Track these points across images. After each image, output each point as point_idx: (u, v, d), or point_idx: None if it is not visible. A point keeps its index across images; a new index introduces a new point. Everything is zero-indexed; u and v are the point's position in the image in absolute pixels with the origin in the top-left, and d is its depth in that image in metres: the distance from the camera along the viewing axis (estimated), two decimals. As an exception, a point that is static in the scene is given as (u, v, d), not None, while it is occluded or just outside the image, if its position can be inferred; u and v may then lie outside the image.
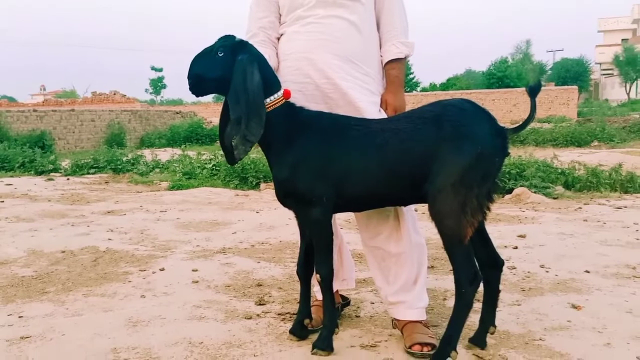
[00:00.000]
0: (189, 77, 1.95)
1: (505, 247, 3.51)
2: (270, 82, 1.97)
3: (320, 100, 2.13)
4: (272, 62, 2.11)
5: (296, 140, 1.94)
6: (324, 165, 1.91)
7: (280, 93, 1.98)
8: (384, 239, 2.15)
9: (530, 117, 1.93)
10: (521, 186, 5.85)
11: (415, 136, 1.86)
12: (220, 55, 1.91)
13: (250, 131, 1.85)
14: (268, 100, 1.94)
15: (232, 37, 1.96)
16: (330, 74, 2.10)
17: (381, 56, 2.21)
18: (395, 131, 1.90)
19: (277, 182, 1.99)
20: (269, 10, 2.23)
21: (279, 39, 2.25)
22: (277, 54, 2.23)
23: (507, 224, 4.32)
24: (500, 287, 2.02)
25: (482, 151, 1.80)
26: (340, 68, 2.10)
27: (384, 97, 2.20)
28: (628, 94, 39.47)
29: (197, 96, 2.05)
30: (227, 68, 1.89)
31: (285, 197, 2.00)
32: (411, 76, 38.27)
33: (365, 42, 2.16)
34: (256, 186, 6.91)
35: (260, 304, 2.57)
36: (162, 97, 49.49)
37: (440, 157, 1.81)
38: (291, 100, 2.02)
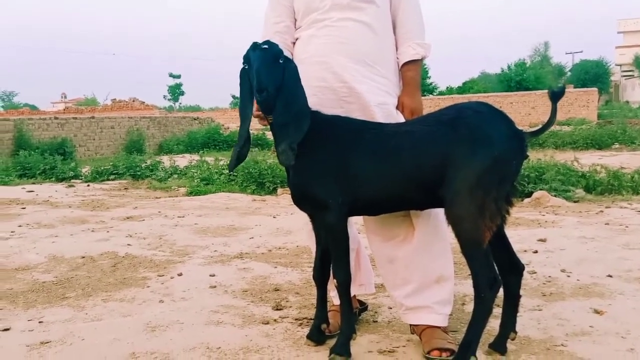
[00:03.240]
0: (264, 90, 1.81)
1: (525, 251, 3.46)
2: None
3: (336, 103, 2.12)
4: None
5: (313, 143, 1.93)
6: (340, 168, 1.90)
7: None
8: (396, 243, 2.13)
9: (550, 122, 1.90)
10: (541, 189, 5.77)
11: (432, 139, 1.85)
12: (281, 62, 1.88)
13: (295, 139, 1.85)
14: None
15: (275, 43, 1.94)
16: (346, 77, 2.10)
17: (397, 58, 2.20)
18: (411, 134, 1.89)
19: (293, 185, 1.99)
20: (285, 15, 2.24)
21: (294, 43, 2.26)
22: (292, 58, 2.24)
23: (527, 228, 4.26)
24: (521, 292, 1.99)
25: (499, 154, 1.78)
26: (356, 71, 2.10)
27: (401, 99, 2.19)
28: (650, 96, 38.83)
29: (267, 113, 1.92)
30: (283, 75, 1.87)
31: (301, 201, 2.00)
32: (429, 80, 38.10)
33: (381, 44, 2.16)
34: (273, 191, 6.92)
35: (277, 309, 2.57)
36: (180, 103, 50.04)
37: (457, 160, 1.79)
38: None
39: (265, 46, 1.88)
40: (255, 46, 1.89)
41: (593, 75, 39.01)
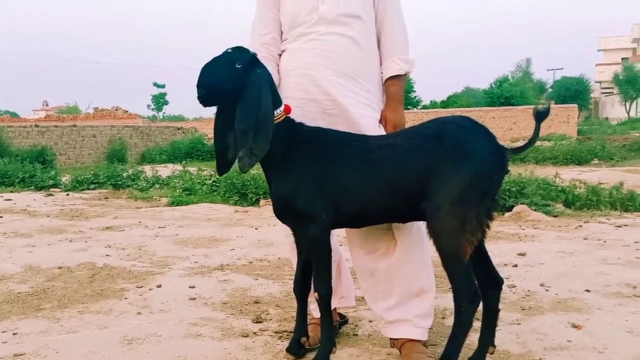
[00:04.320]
0: (201, 86, 1.87)
1: (505, 265, 3.48)
2: (273, 97, 1.97)
3: (320, 116, 2.13)
4: (274, 78, 2.12)
5: (295, 156, 1.94)
6: (323, 181, 1.90)
7: (281, 109, 1.98)
8: (378, 256, 2.13)
9: (532, 141, 1.93)
10: (521, 204, 5.83)
11: (414, 153, 1.85)
12: (239, 67, 1.88)
13: (257, 145, 1.84)
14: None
15: (247, 49, 1.95)
16: (330, 90, 2.10)
17: (381, 73, 2.22)
18: (394, 147, 1.90)
19: (275, 197, 1.99)
20: (272, 27, 2.24)
21: (280, 55, 2.26)
22: (278, 70, 2.24)
23: (507, 242, 4.29)
24: (500, 306, 2.00)
25: (481, 169, 1.79)
26: (341, 84, 2.11)
27: (384, 113, 2.20)
28: (628, 113, 39.61)
29: (205, 106, 1.96)
30: (243, 80, 1.87)
31: (283, 213, 1.99)
32: (413, 94, 38.43)
33: (365, 59, 2.17)
34: (256, 202, 6.90)
35: (257, 322, 2.55)
36: (164, 113, 49.74)
37: (439, 174, 1.80)
38: (291, 116, 2.03)
39: (229, 50, 1.90)
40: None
41: (573, 91, 39.72)
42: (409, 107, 33.51)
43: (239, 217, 5.84)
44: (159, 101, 48.58)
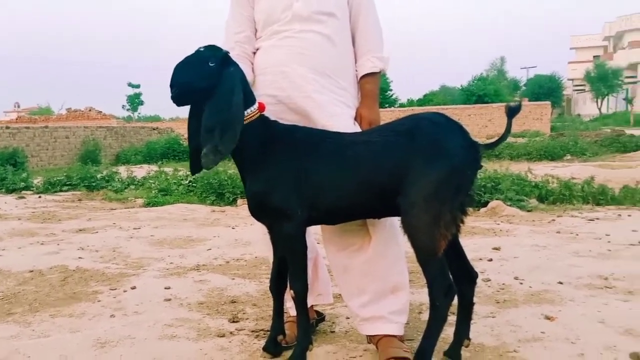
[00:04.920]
0: (173, 86, 1.86)
1: (480, 259, 3.52)
2: (247, 96, 1.95)
3: (296, 113, 2.12)
4: (248, 77, 2.10)
5: (270, 153, 1.93)
6: (298, 178, 1.89)
7: (255, 107, 1.96)
8: (352, 252, 2.13)
9: (504, 136, 1.94)
10: (496, 199, 5.91)
11: (389, 149, 1.86)
12: (212, 65, 1.86)
13: (223, 143, 1.82)
14: (244, 113, 1.92)
15: (219, 47, 1.93)
16: (305, 87, 2.10)
17: (356, 70, 2.22)
18: (368, 144, 1.90)
19: (250, 195, 1.97)
20: (245, 25, 2.23)
21: (254, 53, 2.25)
22: (252, 68, 2.23)
23: (482, 237, 4.34)
24: (475, 299, 2.02)
25: (455, 165, 1.80)
26: (316, 81, 2.10)
27: (359, 110, 2.20)
28: (599, 109, 40.41)
29: (179, 106, 1.93)
30: (215, 79, 1.85)
31: (258, 211, 1.98)
32: (390, 92, 38.62)
33: (340, 56, 2.17)
34: (233, 202, 6.85)
35: (233, 321, 2.53)
36: (139, 113, 49.06)
37: (413, 170, 1.81)
38: (266, 113, 2.01)
39: (201, 49, 1.88)
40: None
41: (546, 89, 40.35)
42: (386, 105, 33.69)
43: (215, 217, 5.79)
44: (134, 101, 47.91)
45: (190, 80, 1.86)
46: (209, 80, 1.85)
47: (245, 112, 1.91)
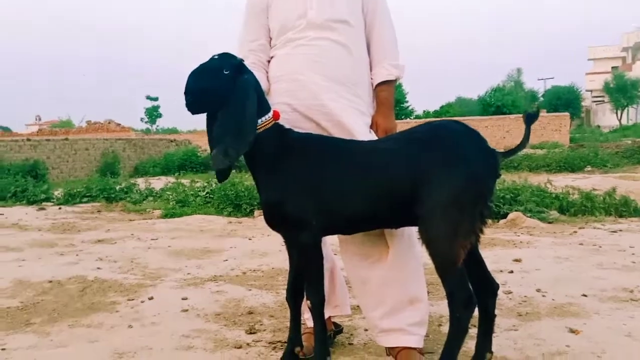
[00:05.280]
0: (189, 93, 1.85)
1: (501, 271, 3.46)
2: (261, 104, 1.95)
3: (310, 121, 2.11)
4: (262, 85, 2.10)
5: (285, 162, 1.91)
6: (313, 187, 1.87)
7: (269, 115, 1.96)
8: (370, 264, 2.10)
9: (523, 144, 1.90)
10: (516, 211, 5.82)
11: (405, 157, 1.83)
12: (226, 73, 1.86)
13: (233, 146, 1.80)
14: (259, 122, 1.92)
15: (233, 55, 1.94)
16: (320, 95, 2.09)
17: (372, 78, 2.21)
18: (385, 152, 1.88)
19: (266, 204, 1.96)
20: (260, 34, 2.23)
21: (269, 61, 2.25)
22: (267, 76, 2.23)
23: (503, 248, 4.27)
24: (497, 312, 1.97)
25: (473, 173, 1.77)
26: (331, 89, 2.09)
27: (375, 119, 2.19)
28: (619, 120, 39.91)
29: (193, 113, 1.92)
30: (230, 86, 1.84)
31: (273, 221, 1.96)
32: (406, 104, 38.55)
33: (355, 64, 2.16)
34: (250, 213, 6.85)
35: (250, 333, 2.51)
36: (157, 126, 49.67)
37: (430, 179, 1.78)
38: (280, 121, 2.01)
39: (215, 57, 1.88)
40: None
41: (565, 100, 39.95)
42: (402, 116, 33.61)
43: (232, 228, 5.79)
44: (152, 114, 48.57)
45: (204, 87, 1.85)
46: (223, 88, 1.84)
47: (260, 120, 1.90)
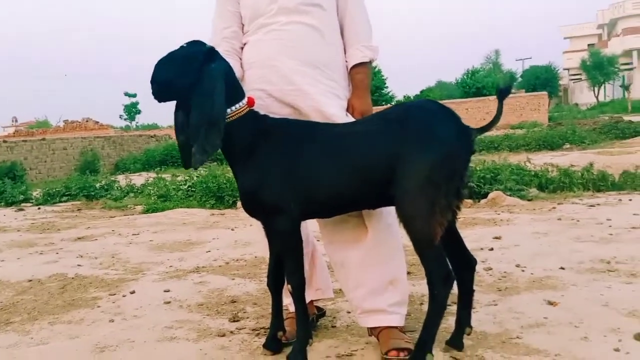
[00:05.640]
0: (154, 82, 1.85)
1: (482, 249, 3.49)
2: (235, 91, 1.93)
3: (286, 106, 2.10)
4: (236, 72, 2.09)
5: (261, 147, 1.90)
6: (290, 171, 1.87)
7: (244, 101, 1.94)
8: (349, 245, 2.11)
9: (496, 119, 1.91)
10: (496, 190, 5.88)
11: (381, 138, 1.83)
12: (193, 61, 1.84)
13: (209, 142, 1.80)
14: (233, 108, 1.90)
15: (203, 43, 1.91)
16: (295, 79, 2.07)
17: (346, 61, 2.20)
18: (360, 134, 1.88)
19: (242, 191, 1.95)
20: (232, 21, 2.21)
21: (242, 48, 2.23)
22: (241, 63, 2.21)
23: (483, 227, 4.31)
24: (477, 288, 2.00)
25: (447, 150, 1.78)
26: (305, 73, 2.08)
27: (351, 101, 2.18)
28: (597, 97, 40.39)
29: (160, 102, 1.91)
30: (196, 75, 1.82)
31: (251, 207, 1.96)
32: (386, 90, 38.58)
33: (329, 48, 2.14)
34: (233, 204, 6.82)
35: (234, 321, 2.50)
36: (137, 122, 49.08)
37: (406, 158, 1.78)
38: (256, 108, 1.99)
39: (184, 45, 1.87)
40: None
41: (543, 80, 40.34)
42: (382, 102, 33.62)
43: (215, 220, 5.77)
44: (131, 111, 47.95)
45: (170, 77, 1.84)
46: (189, 77, 1.83)
47: (234, 108, 1.89)
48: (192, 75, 1.82)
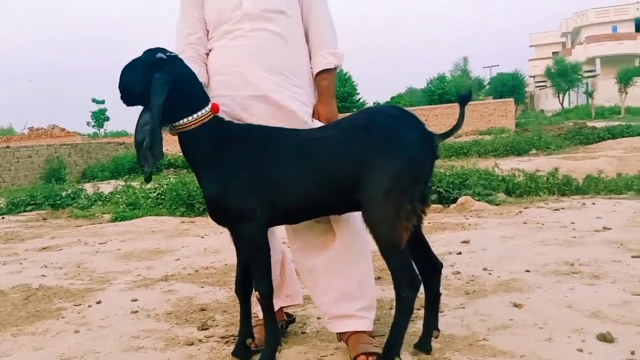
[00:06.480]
0: (119, 86, 1.93)
1: (450, 253, 3.54)
2: (197, 97, 1.94)
3: (251, 113, 2.09)
4: (201, 78, 2.09)
5: (225, 154, 1.90)
6: (255, 177, 1.87)
7: (207, 108, 1.94)
8: (315, 251, 2.11)
9: (458, 125, 1.96)
10: (465, 195, 5.98)
11: (345, 144, 1.85)
12: (144, 70, 1.88)
13: (150, 150, 1.85)
14: (195, 115, 1.91)
15: (155, 51, 1.91)
16: (260, 86, 2.07)
17: (311, 68, 2.21)
18: (325, 140, 1.89)
19: (208, 198, 1.94)
20: (197, 27, 2.20)
21: (208, 54, 2.22)
22: (206, 69, 2.19)
23: (452, 232, 4.37)
24: (445, 291, 2.03)
25: (411, 156, 1.80)
26: (270, 80, 2.08)
27: (316, 108, 2.18)
28: (561, 104, 41.35)
29: (128, 106, 1.98)
30: (147, 84, 1.85)
31: (217, 214, 1.95)
32: (357, 97, 38.80)
33: (293, 54, 2.15)
34: (203, 212, 6.75)
35: (203, 329, 2.48)
36: (105, 129, 48.15)
37: (371, 163, 1.80)
38: (221, 114, 1.99)
39: (144, 52, 1.91)
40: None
41: (510, 87, 41.10)
42: (353, 109, 33.82)
43: (185, 228, 5.70)
44: (99, 117, 47.01)
45: (126, 83, 1.91)
46: (139, 85, 1.88)
47: (197, 115, 1.91)
48: (142, 83, 1.87)
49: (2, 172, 15.58)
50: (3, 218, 7.85)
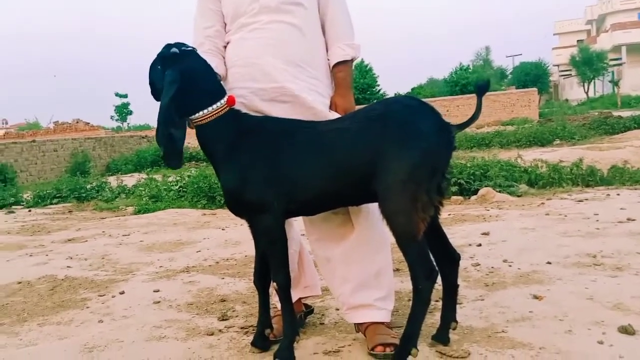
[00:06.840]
0: (148, 83, 2.00)
1: (470, 245, 3.52)
2: (212, 91, 1.96)
3: (269, 104, 2.11)
4: (219, 71, 2.12)
5: (242, 146, 1.92)
6: (272, 169, 1.88)
7: (223, 101, 1.95)
8: (333, 242, 2.13)
9: (475, 115, 1.94)
10: (486, 186, 5.92)
11: (362, 135, 1.85)
12: (159, 67, 1.94)
13: (159, 143, 1.93)
14: (210, 109, 1.93)
15: (171, 46, 1.94)
16: (278, 77, 2.09)
17: (328, 59, 2.21)
18: (342, 131, 1.89)
19: (225, 191, 1.97)
20: (214, 20, 2.22)
21: (225, 47, 2.24)
22: (224, 62, 2.22)
23: (472, 223, 4.34)
24: (465, 283, 2.03)
25: (428, 147, 1.80)
26: (287, 72, 2.09)
27: (333, 99, 2.19)
28: (587, 93, 40.61)
29: (157, 101, 1.99)
30: (163, 80, 1.91)
31: (235, 206, 1.97)
32: (377, 87, 38.61)
33: (310, 46, 2.16)
34: (224, 205, 6.80)
35: (223, 319, 2.51)
36: (128, 123, 48.82)
37: (387, 154, 1.80)
38: (239, 106, 2.01)
39: (165, 47, 1.96)
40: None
41: (533, 76, 40.46)
42: (373, 100, 33.67)
43: (206, 220, 5.77)
44: (122, 111, 47.68)
45: (152, 79, 1.98)
46: (160, 81, 1.92)
47: (212, 107, 1.93)
48: (162, 79, 1.92)
49: (29, 165, 15.93)
50: (30, 211, 8.03)
